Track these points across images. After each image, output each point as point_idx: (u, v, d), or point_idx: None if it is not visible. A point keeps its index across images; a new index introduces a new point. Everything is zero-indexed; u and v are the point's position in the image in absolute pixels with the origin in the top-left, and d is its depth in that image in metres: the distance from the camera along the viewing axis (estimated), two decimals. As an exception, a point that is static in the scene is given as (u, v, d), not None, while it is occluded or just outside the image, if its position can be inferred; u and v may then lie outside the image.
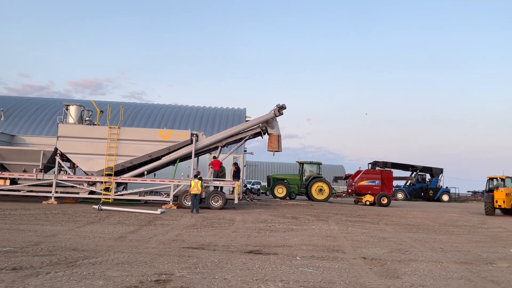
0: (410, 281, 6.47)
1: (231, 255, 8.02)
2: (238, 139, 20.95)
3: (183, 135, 19.65)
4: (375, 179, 30.42)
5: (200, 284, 5.74)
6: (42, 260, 6.83)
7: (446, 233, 13.72)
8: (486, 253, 9.70)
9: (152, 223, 12.75)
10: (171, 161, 19.85)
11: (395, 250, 9.58)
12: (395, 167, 44.69)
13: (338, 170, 68.60)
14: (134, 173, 19.34)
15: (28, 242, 8.52)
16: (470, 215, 23.20)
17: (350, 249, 9.44)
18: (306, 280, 6.26)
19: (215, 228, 12.09)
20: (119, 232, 10.48)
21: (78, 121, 19.91)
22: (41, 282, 5.49)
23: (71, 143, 18.93)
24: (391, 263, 7.89)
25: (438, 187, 46.33)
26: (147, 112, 33.33)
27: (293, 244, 9.71)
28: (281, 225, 13.75)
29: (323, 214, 18.90)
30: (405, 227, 14.85)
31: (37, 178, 18.78)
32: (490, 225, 17.63)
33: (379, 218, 18.23)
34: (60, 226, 11.24)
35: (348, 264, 7.61)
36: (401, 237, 12.03)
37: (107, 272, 6.19)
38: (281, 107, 20.05)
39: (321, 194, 31.82)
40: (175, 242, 9.33)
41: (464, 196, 62.53)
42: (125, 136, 19.17)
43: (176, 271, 6.42)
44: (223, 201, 18.97)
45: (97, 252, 7.69)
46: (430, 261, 8.35)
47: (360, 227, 14.29)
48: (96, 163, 18.88)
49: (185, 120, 32.49)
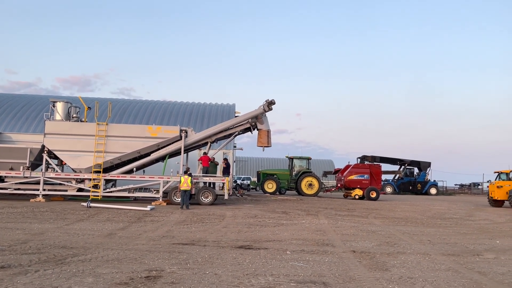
0: (399, 273, 6.56)
1: (222, 250, 8.04)
2: (227, 135, 20.93)
3: (172, 131, 19.57)
4: (364, 173, 30.65)
5: (190, 279, 5.74)
6: (31, 258, 6.76)
7: (434, 225, 13.90)
8: (473, 245, 9.85)
9: (142, 219, 12.70)
10: (160, 157, 19.77)
11: (384, 243, 9.68)
12: (384, 161, 45.07)
13: (328, 164, 68.94)
14: (123, 170, 19.22)
15: (16, 240, 8.43)
16: (458, 208, 23.52)
17: (339, 242, 9.52)
18: (296, 274, 6.30)
19: (205, 224, 12.09)
20: (108, 229, 10.42)
21: (66, 118, 19.69)
22: (30, 280, 5.44)
23: (58, 140, 18.74)
24: (380, 256, 7.97)
25: (426, 181, 46.88)
26: (136, 108, 33.09)
27: (283, 239, 9.75)
28: (271, 220, 13.79)
29: (312, 209, 19.00)
30: (394, 221, 15.01)
31: (24, 176, 18.55)
32: (477, 217, 17.90)
33: (368, 212, 18.39)
34: (48, 224, 11.13)
35: (338, 258, 7.67)
36: (389, 230, 12.16)
37: (96, 269, 6.15)
38: (270, 102, 20.06)
39: (311, 189, 31.97)
40: (165, 238, 9.31)
41: (451, 189, 63.37)
42: (113, 132, 19.03)
43: (166, 267, 6.41)
44: (213, 197, 18.95)
45: (86, 250, 7.64)
46: (418, 253, 8.46)
47: (349, 221, 14.41)
48: (84, 160, 18.71)
49: (174, 116, 32.33)
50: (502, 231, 13.11)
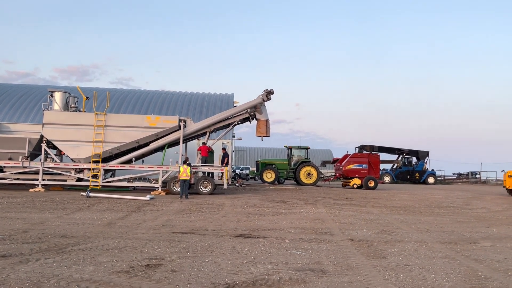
0: (396, 261, 6.63)
1: (221, 239, 8.10)
2: (226, 125, 20.93)
3: (171, 121, 19.57)
4: (362, 163, 30.74)
5: (190, 267, 5.80)
6: (32, 247, 6.82)
7: (431, 214, 14.00)
8: (470, 233, 9.94)
9: (141, 209, 12.77)
10: (159, 147, 19.79)
11: (381, 231, 9.76)
12: (382, 151, 45.20)
13: (326, 154, 69.07)
14: (122, 160, 19.25)
15: (16, 229, 8.48)
16: (455, 197, 23.66)
17: (338, 231, 9.60)
18: (295, 262, 6.37)
19: (204, 213, 12.16)
20: (108, 219, 10.48)
21: (64, 108, 19.66)
22: (31, 268, 5.50)
23: (57, 130, 18.73)
24: (378, 244, 8.05)
25: (424, 170, 47.05)
26: (134, 98, 33.02)
27: (282, 228, 9.83)
28: (270, 209, 13.88)
29: (311, 198, 19.10)
30: (392, 209, 15.11)
31: (23, 166, 18.57)
32: (474, 206, 18.03)
33: (366, 201, 18.49)
34: (48, 213, 11.19)
35: (336, 246, 7.75)
36: (387, 219, 12.25)
37: (97, 257, 6.21)
38: (269, 92, 20.04)
39: (309, 178, 32.09)
40: (165, 227, 9.38)
41: (449, 178, 63.61)
42: (112, 122, 19.02)
43: (166, 256, 6.48)
44: (212, 186, 19.02)
45: (86, 239, 7.70)
46: (416, 241, 8.55)
47: (347, 210, 14.50)
48: (83, 150, 18.73)
49: (173, 106, 32.29)
50: (499, 219, 13.22)
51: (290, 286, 5.07)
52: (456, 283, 5.49)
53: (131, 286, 4.85)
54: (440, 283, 5.44)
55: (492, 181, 62.36)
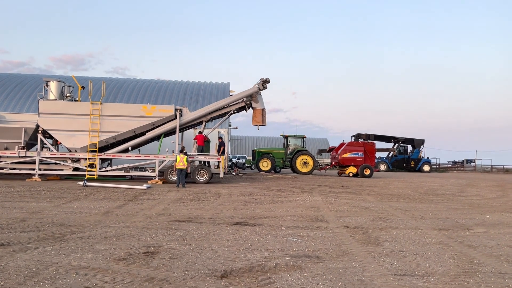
0: (391, 247, 6.73)
1: (218, 227, 8.18)
2: (222, 114, 20.93)
3: (167, 110, 19.54)
4: (358, 151, 30.87)
5: (188, 255, 5.88)
6: (30, 236, 6.87)
7: (426, 201, 14.14)
8: (463, 220, 10.07)
9: (139, 198, 12.82)
10: (156, 136, 19.79)
11: (376, 218, 9.87)
12: (378, 139, 45.40)
13: (322, 143, 69.27)
14: (118, 149, 19.25)
15: (14, 219, 8.52)
16: (450, 184, 23.86)
17: (333, 218, 9.70)
18: (291, 248, 6.46)
19: (201, 202, 12.23)
20: (105, 208, 10.53)
21: (59, 97, 19.58)
22: (30, 256, 5.55)
23: (53, 119, 18.67)
24: (373, 231, 8.16)
25: (419, 158, 47.34)
26: (130, 87, 32.88)
27: (278, 215, 9.92)
28: (266, 197, 13.97)
29: (307, 186, 19.21)
30: (387, 197, 15.24)
31: (20, 155, 18.55)
32: (468, 193, 18.21)
33: (362, 189, 18.63)
34: (46, 202, 11.23)
35: (331, 233, 7.85)
36: (382, 206, 12.37)
37: (95, 246, 6.27)
38: (265, 81, 20.02)
39: (306, 167, 32.23)
40: (162, 216, 9.44)
41: (444, 166, 64.01)
42: (108, 112, 18.97)
43: (164, 243, 6.55)
44: (209, 175, 19.09)
45: (84, 227, 7.75)
46: (410, 228, 8.66)
47: (343, 197, 14.62)
48: (79, 139, 18.70)
49: (169, 95, 32.19)
50: (492, 206, 13.38)
51: (286, 272, 5.15)
52: (449, 268, 5.59)
53: (130, 273, 4.92)
54: (433, 269, 5.54)
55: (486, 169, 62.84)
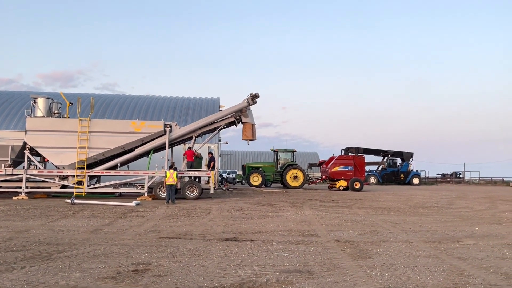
0: (381, 261, 6.73)
1: (208, 243, 8.11)
2: (212, 129, 20.93)
3: (157, 126, 19.48)
4: (348, 165, 30.99)
5: (178, 272, 5.81)
6: (16, 255, 6.73)
7: (416, 214, 14.21)
8: (453, 232, 10.13)
9: (128, 215, 12.68)
10: (145, 152, 19.67)
11: (367, 232, 9.88)
12: (367, 153, 45.67)
13: (312, 157, 69.43)
14: (107, 166, 19.07)
15: (0, 238, 8.36)
16: (439, 197, 24.02)
17: (324, 232, 9.69)
18: (282, 264, 6.42)
19: (191, 218, 12.14)
20: (93, 225, 10.39)
21: (47, 114, 19.41)
22: (16, 276, 5.43)
23: (40, 136, 18.48)
24: (364, 245, 8.15)
25: (408, 171, 47.65)
26: (119, 103, 32.76)
27: (269, 230, 9.88)
28: (257, 212, 13.91)
29: (298, 200, 19.19)
30: (377, 210, 15.28)
31: (6, 173, 18.27)
32: (457, 205, 18.34)
33: (352, 202, 18.66)
34: (33, 221, 11.04)
35: (322, 247, 7.83)
36: (373, 219, 12.40)
37: (83, 264, 6.17)
38: (255, 95, 20.12)
39: (296, 181, 32.22)
40: (152, 232, 9.34)
41: (434, 178, 64.49)
42: (96, 128, 18.84)
43: (153, 261, 6.46)
44: (199, 191, 18.98)
45: (72, 246, 7.63)
46: (401, 241, 8.68)
47: (334, 211, 14.62)
48: (67, 156, 18.50)
49: (158, 111, 32.12)
50: (481, 218, 13.49)
51: (277, 288, 5.11)
52: (440, 280, 5.60)
53: (118, 292, 4.84)
54: (424, 281, 5.54)
55: (475, 181, 63.45)
